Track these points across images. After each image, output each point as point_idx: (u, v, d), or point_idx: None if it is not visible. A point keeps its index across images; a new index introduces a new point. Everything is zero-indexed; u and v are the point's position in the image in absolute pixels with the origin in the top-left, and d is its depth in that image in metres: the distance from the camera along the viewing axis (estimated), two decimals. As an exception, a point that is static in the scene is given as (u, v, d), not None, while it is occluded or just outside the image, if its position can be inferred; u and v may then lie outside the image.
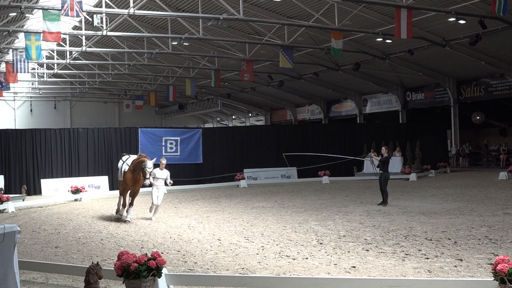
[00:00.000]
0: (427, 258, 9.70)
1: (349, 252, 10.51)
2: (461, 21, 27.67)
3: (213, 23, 25.90)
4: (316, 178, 30.26)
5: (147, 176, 15.72)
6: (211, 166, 31.62)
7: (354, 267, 9.25)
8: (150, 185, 16.08)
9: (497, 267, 6.61)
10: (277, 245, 11.48)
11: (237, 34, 34.45)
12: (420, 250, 10.45)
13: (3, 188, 25.13)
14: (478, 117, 40.79)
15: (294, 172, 32.18)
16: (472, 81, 38.12)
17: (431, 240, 11.38)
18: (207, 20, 26.81)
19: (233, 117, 67.23)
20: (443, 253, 10.10)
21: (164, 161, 16.71)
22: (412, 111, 44.14)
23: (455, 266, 9.02)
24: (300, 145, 32.93)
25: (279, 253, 10.59)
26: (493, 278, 6.73)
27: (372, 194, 20.95)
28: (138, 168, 16.03)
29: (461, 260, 9.47)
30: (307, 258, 10.06)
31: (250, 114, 63.71)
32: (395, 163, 30.55)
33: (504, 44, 31.29)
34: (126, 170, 16.46)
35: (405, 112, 43.42)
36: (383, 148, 19.21)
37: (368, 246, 10.96)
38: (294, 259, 10.06)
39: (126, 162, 16.75)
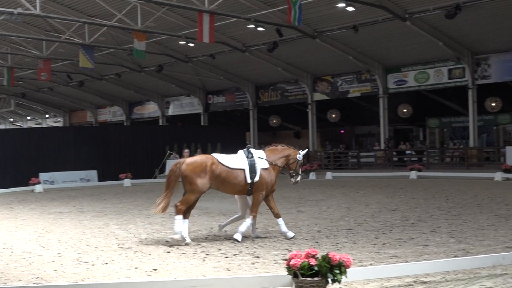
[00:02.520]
0: (227, 257, 9.93)
1: (150, 255, 10.41)
2: (260, 28, 29.09)
3: (6, 17, 24.29)
4: (117, 181, 29.61)
5: (300, 173, 12.18)
6: (3, 170, 29.43)
7: (155, 269, 9.16)
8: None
9: (290, 262, 6.98)
10: (75, 251, 10.99)
11: (34, 30, 32.69)
12: (220, 249, 10.67)
13: None
14: (274, 120, 43.13)
15: (95, 175, 31.25)
16: (269, 86, 40.20)
17: (230, 239, 11.69)
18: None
19: (28, 118, 63.83)
20: (241, 251, 10.42)
21: None
22: (214, 113, 45.32)
23: (253, 263, 9.34)
24: (102, 146, 32.10)
25: (77, 260, 10.14)
26: (287, 273, 7.08)
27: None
28: (279, 163, 11.94)
29: (258, 257, 9.83)
30: (107, 263, 9.76)
31: (47, 115, 60.92)
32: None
33: (298, 51, 33.43)
34: (266, 166, 11.67)
35: (207, 115, 44.47)
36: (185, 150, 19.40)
37: (170, 248, 10.96)
38: (93, 265, 9.70)
39: (259, 156, 11.78)
